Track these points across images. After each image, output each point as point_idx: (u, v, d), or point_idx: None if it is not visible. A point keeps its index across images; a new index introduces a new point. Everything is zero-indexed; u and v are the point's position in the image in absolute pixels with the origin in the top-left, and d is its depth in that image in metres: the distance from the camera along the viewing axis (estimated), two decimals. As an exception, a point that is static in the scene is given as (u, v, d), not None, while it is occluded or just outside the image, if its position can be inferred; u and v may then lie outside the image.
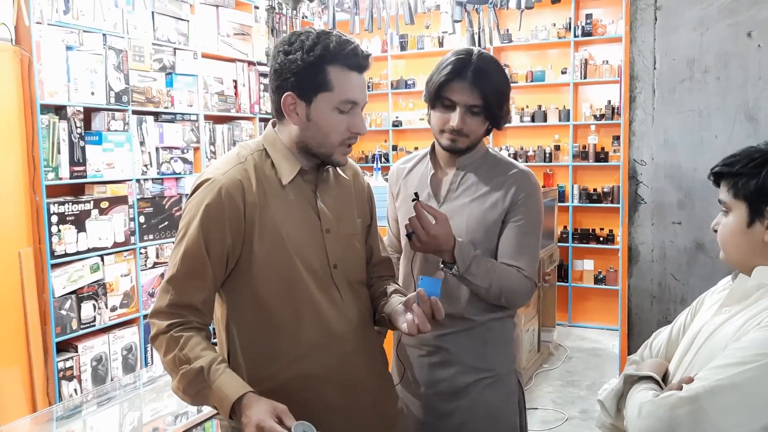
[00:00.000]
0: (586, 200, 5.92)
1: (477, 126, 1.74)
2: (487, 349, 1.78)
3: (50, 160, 3.27)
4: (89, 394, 2.91)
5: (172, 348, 1.39)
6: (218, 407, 1.37)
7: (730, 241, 1.30)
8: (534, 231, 1.78)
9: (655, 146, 2.01)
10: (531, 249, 1.77)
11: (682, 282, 2.02)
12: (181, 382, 1.37)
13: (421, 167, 1.88)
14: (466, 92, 1.69)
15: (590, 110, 5.90)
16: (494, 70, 1.74)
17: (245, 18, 4.60)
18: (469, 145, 1.77)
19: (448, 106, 1.73)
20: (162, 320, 1.41)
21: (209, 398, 1.37)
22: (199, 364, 1.36)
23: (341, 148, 1.48)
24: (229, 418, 1.35)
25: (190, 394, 1.38)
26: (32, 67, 3.16)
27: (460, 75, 1.70)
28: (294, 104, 1.44)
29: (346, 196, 1.60)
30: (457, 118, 1.71)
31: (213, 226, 1.40)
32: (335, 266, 1.52)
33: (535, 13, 5.54)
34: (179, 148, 4.06)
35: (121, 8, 3.65)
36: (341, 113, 1.44)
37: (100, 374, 3.53)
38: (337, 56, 1.40)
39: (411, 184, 1.86)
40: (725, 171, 1.29)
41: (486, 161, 1.82)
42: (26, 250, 3.20)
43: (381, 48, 6.61)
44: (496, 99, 1.72)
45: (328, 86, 1.41)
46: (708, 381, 1.13)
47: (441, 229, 1.62)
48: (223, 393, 1.34)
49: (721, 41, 1.92)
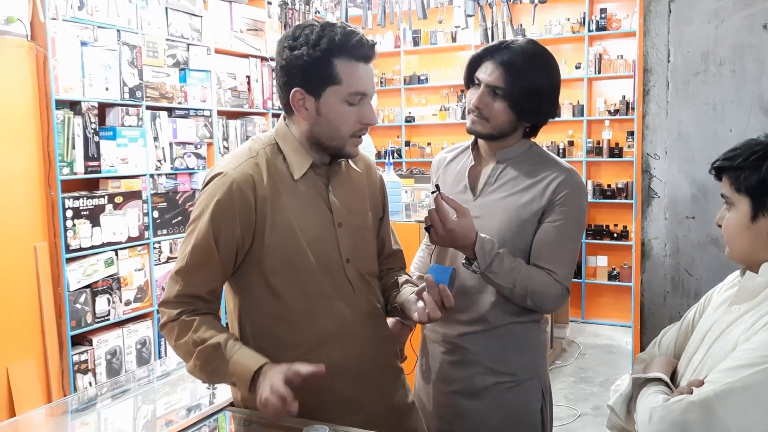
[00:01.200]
0: (600, 196, 5.89)
1: (498, 111, 1.66)
2: (508, 352, 1.72)
3: (65, 156, 3.30)
4: (103, 387, 2.94)
5: (185, 332, 1.42)
6: (237, 381, 1.39)
7: (735, 236, 1.28)
8: (572, 234, 1.68)
9: (669, 140, 1.99)
10: (567, 253, 1.67)
11: (695, 277, 2.00)
12: (198, 359, 1.40)
13: (463, 158, 1.82)
14: (490, 71, 1.66)
15: (604, 105, 5.86)
16: (530, 59, 1.66)
17: (258, 14, 4.61)
18: (492, 132, 1.69)
19: (477, 84, 1.70)
20: (171, 309, 1.44)
21: (227, 374, 1.39)
22: (216, 340, 1.39)
23: (353, 140, 1.48)
24: (249, 391, 1.37)
25: (208, 370, 1.41)
26: (47, 63, 3.18)
27: (491, 55, 1.67)
28: (303, 100, 1.43)
29: (358, 188, 1.60)
30: (478, 96, 1.67)
31: (223, 221, 1.41)
32: (347, 260, 1.52)
33: (549, 7, 5.51)
34: (193, 143, 4.08)
35: (135, 4, 3.67)
36: (351, 105, 1.43)
37: (114, 368, 3.56)
38: (343, 48, 1.39)
39: (450, 175, 1.82)
40: (726, 165, 1.27)
41: (529, 157, 1.74)
42: (41, 245, 3.23)
43: (394, 43, 6.60)
44: (522, 87, 1.63)
45: (336, 79, 1.40)
46: (718, 384, 1.12)
47: (459, 223, 1.56)
48: (243, 365, 1.36)
49: (735, 33, 1.89)
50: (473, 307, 1.72)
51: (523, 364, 1.74)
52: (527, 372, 1.74)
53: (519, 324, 1.72)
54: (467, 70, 1.73)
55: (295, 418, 1.44)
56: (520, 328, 1.73)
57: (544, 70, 1.68)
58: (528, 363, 1.75)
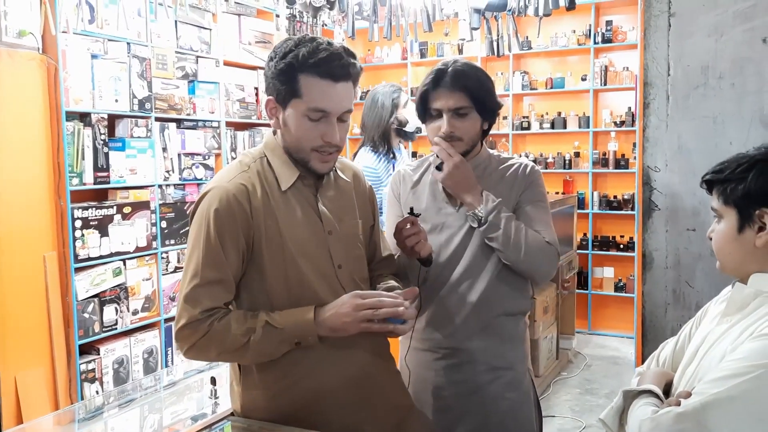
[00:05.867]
0: (606, 207, 5.88)
1: (469, 127, 1.78)
2: (505, 346, 1.81)
3: (75, 166, 3.35)
4: (110, 395, 2.96)
5: (227, 334, 1.43)
6: (302, 339, 1.45)
7: (724, 248, 1.29)
8: (547, 206, 1.84)
9: (669, 152, 2.01)
10: (550, 221, 1.82)
11: (696, 289, 2.01)
12: (257, 347, 1.43)
13: (429, 176, 1.90)
14: (447, 96, 1.75)
15: (610, 117, 5.86)
16: (472, 69, 1.79)
17: (266, 26, 4.66)
18: (468, 148, 1.80)
19: (436, 115, 1.79)
20: (197, 327, 1.44)
21: (288, 342, 1.44)
22: (262, 321, 1.43)
23: (317, 155, 1.49)
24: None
25: (268, 351, 1.45)
26: (58, 75, 3.24)
27: (439, 83, 1.76)
28: (274, 108, 1.49)
29: (346, 197, 1.64)
30: (445, 124, 1.76)
31: (227, 230, 1.44)
32: (339, 266, 1.56)
33: (555, 20, 5.53)
34: (201, 154, 4.13)
35: (145, 17, 3.72)
36: (311, 121, 1.46)
37: (121, 377, 3.59)
38: (306, 63, 1.42)
39: (422, 192, 1.89)
40: (715, 178, 1.28)
41: (491, 161, 1.86)
42: (51, 254, 3.27)
43: (401, 55, 6.64)
44: (482, 92, 1.76)
45: (298, 93, 1.44)
46: (705, 395, 1.13)
47: (466, 168, 1.73)
48: (300, 321, 1.43)
49: (735, 47, 1.91)
50: (460, 307, 1.79)
51: (518, 357, 1.84)
52: (521, 364, 1.84)
53: (510, 317, 1.82)
54: (420, 108, 1.83)
55: (294, 428, 1.46)
56: (511, 322, 1.83)
57: (482, 71, 1.82)
58: (522, 355, 1.85)
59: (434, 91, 1.77)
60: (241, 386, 1.57)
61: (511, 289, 1.81)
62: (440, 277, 1.81)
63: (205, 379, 2.34)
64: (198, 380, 2.45)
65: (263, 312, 1.46)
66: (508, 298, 1.81)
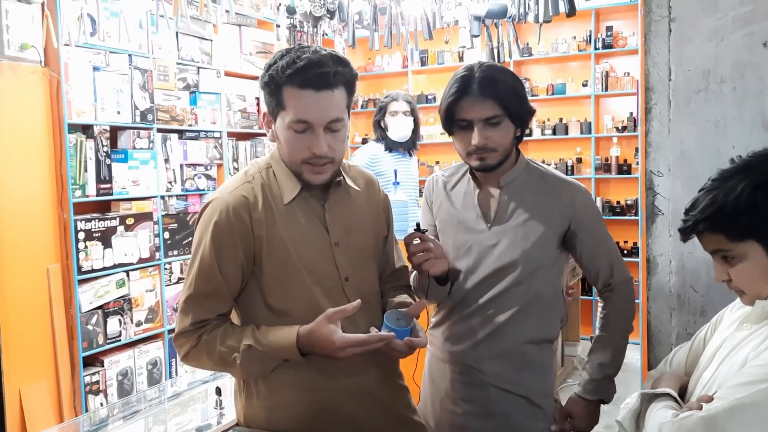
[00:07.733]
0: (610, 213, 5.87)
1: (502, 136, 1.66)
2: (523, 375, 1.72)
3: (77, 178, 3.35)
4: (114, 407, 2.96)
5: (213, 349, 1.44)
6: (289, 358, 1.44)
7: (758, 282, 1.23)
8: (607, 233, 1.81)
9: (672, 157, 2.00)
10: (614, 250, 1.81)
11: (701, 294, 2.00)
12: (243, 367, 1.43)
13: (464, 184, 1.80)
14: (477, 106, 1.63)
15: (612, 122, 5.86)
16: (501, 73, 1.67)
17: (267, 36, 4.68)
18: (501, 159, 1.69)
19: (465, 126, 1.66)
20: (189, 336, 1.46)
21: (275, 360, 1.45)
22: (246, 343, 1.42)
23: (308, 167, 1.46)
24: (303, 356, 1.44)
25: (256, 371, 1.46)
26: (60, 88, 3.25)
27: (467, 92, 1.64)
28: (269, 121, 1.50)
29: (357, 207, 1.59)
30: (477, 135, 1.63)
31: (224, 243, 1.43)
32: (347, 279, 1.53)
33: (555, 26, 5.54)
34: (203, 164, 4.14)
35: (146, 29, 3.74)
36: (297, 132, 1.43)
37: (125, 388, 3.58)
38: (284, 76, 1.40)
39: (456, 202, 1.79)
40: (716, 218, 1.21)
41: (531, 175, 1.75)
42: (54, 266, 3.27)
43: (402, 63, 6.66)
44: (513, 98, 1.65)
45: (282, 105, 1.43)
46: (727, 400, 1.12)
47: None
48: (283, 345, 1.42)
49: (736, 51, 1.91)
50: (486, 327, 1.71)
51: (538, 386, 1.74)
52: (541, 394, 1.74)
53: (534, 345, 1.73)
54: (446, 120, 1.70)
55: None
56: (535, 350, 1.73)
57: (512, 75, 1.71)
58: (543, 385, 1.75)
59: (461, 100, 1.64)
60: (243, 396, 1.57)
61: (540, 316, 1.73)
62: (467, 300, 1.73)
63: (209, 390, 2.33)
64: (202, 391, 2.44)
65: (250, 328, 1.46)
66: (535, 326, 1.72)
